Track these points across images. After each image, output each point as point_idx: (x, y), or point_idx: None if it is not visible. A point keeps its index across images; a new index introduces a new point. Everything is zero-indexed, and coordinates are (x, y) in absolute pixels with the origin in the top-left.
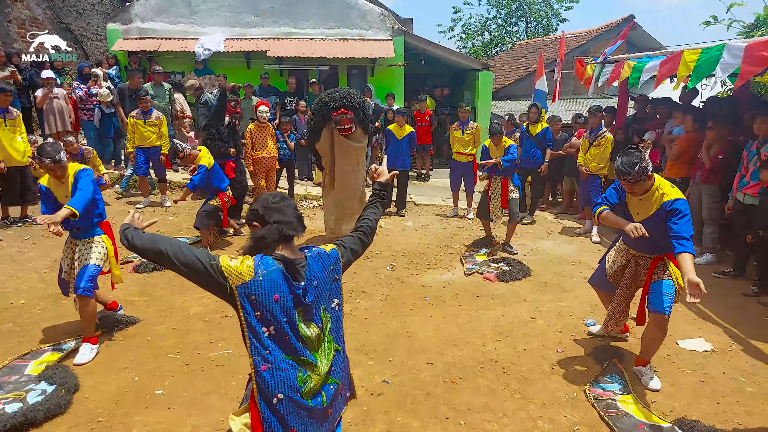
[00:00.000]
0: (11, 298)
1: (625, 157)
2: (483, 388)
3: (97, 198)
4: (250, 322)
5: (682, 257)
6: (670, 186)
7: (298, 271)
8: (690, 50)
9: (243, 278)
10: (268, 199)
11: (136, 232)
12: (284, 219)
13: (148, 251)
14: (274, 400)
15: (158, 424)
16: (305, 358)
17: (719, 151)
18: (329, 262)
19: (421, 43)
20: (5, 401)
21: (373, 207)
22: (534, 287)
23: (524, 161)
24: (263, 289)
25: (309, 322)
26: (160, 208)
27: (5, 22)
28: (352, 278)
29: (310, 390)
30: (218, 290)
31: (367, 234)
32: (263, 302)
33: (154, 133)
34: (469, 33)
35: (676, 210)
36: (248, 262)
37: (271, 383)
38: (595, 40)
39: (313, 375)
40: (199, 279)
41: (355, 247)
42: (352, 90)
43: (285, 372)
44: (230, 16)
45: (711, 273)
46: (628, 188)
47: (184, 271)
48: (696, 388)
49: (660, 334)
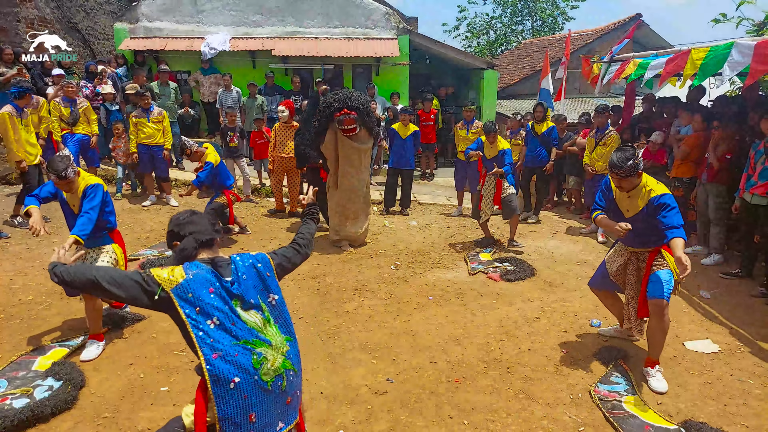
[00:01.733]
0: (19, 295)
1: (620, 153)
2: (487, 388)
3: (106, 210)
4: (193, 318)
5: (674, 242)
6: (656, 183)
7: (224, 267)
8: (698, 48)
9: (177, 281)
10: (178, 218)
11: (63, 268)
12: (197, 228)
13: (78, 283)
14: (231, 384)
15: (163, 420)
16: (256, 340)
17: (727, 151)
18: (255, 260)
19: (426, 42)
20: (13, 396)
21: (305, 224)
22: (538, 287)
23: (529, 160)
24: (196, 285)
25: (248, 310)
26: (166, 206)
27: (14, 21)
28: (355, 277)
29: (267, 371)
30: (153, 301)
31: (302, 245)
32: (200, 297)
33: (158, 130)
34: (474, 32)
35: (663, 204)
36: (177, 269)
37: (225, 369)
38: (602, 38)
39: (269, 355)
40: (134, 294)
41: (289, 254)
42: (355, 91)
43: (237, 356)
44: (236, 16)
45: (718, 274)
46: (617, 182)
47: (117, 293)
48: (702, 389)
49: (660, 324)
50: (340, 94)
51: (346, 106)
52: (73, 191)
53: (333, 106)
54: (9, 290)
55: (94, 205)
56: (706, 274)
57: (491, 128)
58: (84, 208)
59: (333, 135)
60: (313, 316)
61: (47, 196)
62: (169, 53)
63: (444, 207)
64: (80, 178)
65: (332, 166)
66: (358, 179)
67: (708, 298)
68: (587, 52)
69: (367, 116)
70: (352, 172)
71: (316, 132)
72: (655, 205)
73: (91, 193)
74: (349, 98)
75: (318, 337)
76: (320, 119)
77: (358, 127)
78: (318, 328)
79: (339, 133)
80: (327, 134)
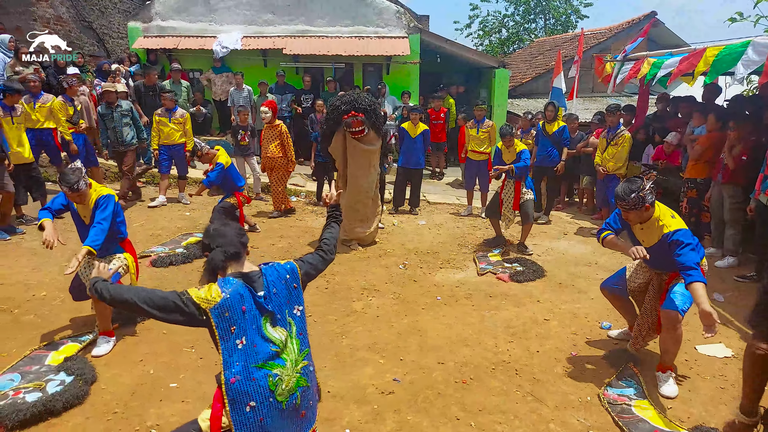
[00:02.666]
0: (33, 290)
1: (626, 184)
2: (495, 389)
3: (118, 221)
4: (226, 338)
5: (693, 288)
6: (670, 216)
7: (256, 281)
8: (713, 47)
9: (215, 300)
10: (209, 229)
11: (104, 285)
12: (225, 241)
13: (117, 302)
14: (247, 408)
15: (172, 416)
16: (273, 363)
17: (742, 152)
18: (284, 271)
19: (436, 40)
20: (26, 390)
21: (329, 227)
22: (548, 288)
23: (540, 160)
24: (232, 304)
25: (276, 327)
26: (177, 204)
27: (30, 20)
28: (364, 276)
29: (282, 391)
30: (191, 320)
31: (327, 252)
32: (235, 316)
33: (178, 131)
34: (486, 30)
35: (677, 242)
36: (214, 287)
37: (243, 393)
38: (616, 37)
39: (284, 376)
40: (172, 316)
41: (314, 261)
42: (362, 93)
43: (255, 381)
44: (248, 15)
45: (733, 276)
46: (624, 214)
47: (156, 314)
48: (714, 394)
49: (673, 336)
50: (347, 96)
51: (353, 108)
52: (85, 203)
53: (340, 108)
54: (23, 286)
55: (106, 215)
56: (720, 277)
57: (507, 131)
58: (96, 218)
59: (341, 137)
60: (321, 315)
61: (60, 208)
62: (181, 52)
63: (454, 206)
64: (92, 189)
65: (341, 168)
66: (367, 181)
67: (722, 301)
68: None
69: (375, 118)
70: (361, 173)
71: (324, 134)
72: (669, 242)
73: (103, 204)
74: (356, 100)
75: (326, 336)
76: (328, 122)
77: (367, 128)
78: (326, 327)
79: (347, 135)
80: (335, 136)
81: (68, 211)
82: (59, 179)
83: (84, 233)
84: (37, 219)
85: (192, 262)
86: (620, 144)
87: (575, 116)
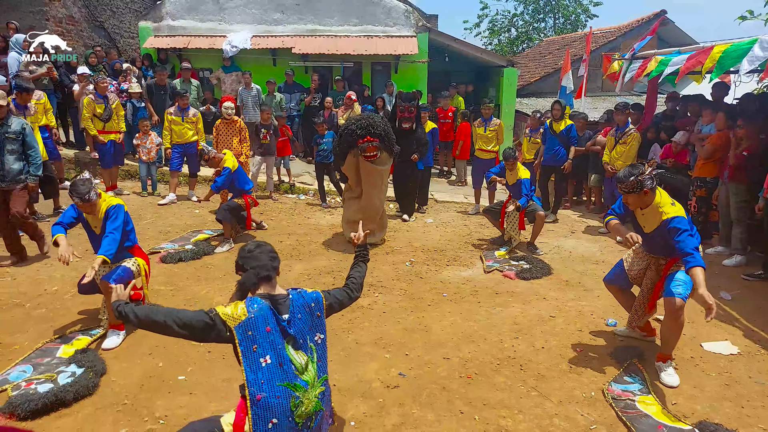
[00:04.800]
0: (45, 285)
1: (628, 168)
2: (499, 384)
3: (127, 229)
4: (248, 355)
5: (693, 272)
6: (670, 204)
7: (282, 304)
8: (721, 44)
9: (240, 318)
10: (245, 248)
11: (130, 308)
12: (259, 264)
13: (145, 325)
14: (269, 425)
15: (180, 408)
16: (297, 384)
17: (746, 149)
18: (310, 299)
19: (445, 39)
20: (38, 381)
21: (357, 266)
22: (555, 285)
23: (548, 159)
24: (257, 323)
25: (298, 350)
26: (187, 202)
27: (43, 20)
28: (371, 273)
29: (302, 413)
30: (217, 336)
31: (353, 290)
32: (258, 335)
33: (191, 130)
34: (495, 29)
35: (674, 229)
36: (240, 305)
37: (266, 410)
38: (625, 36)
39: (304, 399)
40: (201, 334)
41: (341, 297)
42: (377, 116)
43: (279, 399)
44: (257, 14)
45: (740, 275)
46: (624, 196)
47: (184, 333)
48: (719, 391)
49: (674, 324)
50: (363, 121)
51: (369, 133)
52: (95, 213)
53: (356, 133)
54: (35, 281)
55: (117, 225)
56: (727, 275)
57: (510, 155)
58: (107, 229)
59: (354, 158)
60: None
61: (71, 221)
62: (191, 51)
63: (461, 205)
64: (101, 200)
65: (351, 184)
66: (379, 199)
67: (729, 299)
68: (610, 49)
69: (388, 141)
70: (374, 192)
71: (337, 155)
72: (667, 229)
73: (113, 215)
74: (371, 125)
75: (332, 331)
76: (341, 144)
77: (380, 152)
78: (333, 322)
79: (360, 157)
80: (348, 157)
81: (80, 222)
82: (70, 191)
83: (95, 243)
84: (52, 234)
85: (201, 259)
86: (629, 143)
87: (583, 115)
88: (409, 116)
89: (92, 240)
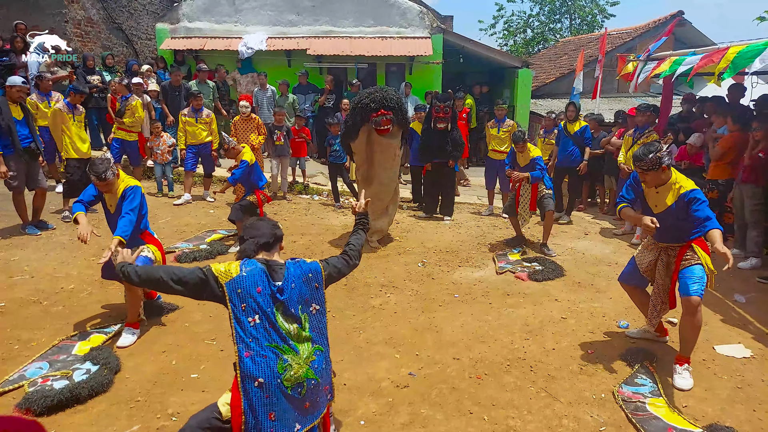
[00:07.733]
0: (62, 283)
1: (645, 146)
2: (509, 385)
3: (142, 213)
4: (236, 314)
5: (710, 234)
6: (685, 179)
7: (276, 271)
8: (737, 45)
9: (231, 275)
10: (248, 222)
11: (131, 268)
12: (258, 233)
13: (145, 281)
14: (255, 383)
15: (192, 405)
16: (286, 347)
17: (761, 150)
18: (308, 270)
19: (459, 40)
20: (54, 378)
21: (356, 234)
22: (567, 287)
23: (562, 160)
24: (247, 282)
25: (287, 317)
26: (202, 201)
27: (62, 22)
28: (383, 273)
29: (290, 377)
30: (212, 294)
31: (352, 256)
32: (248, 294)
33: (205, 131)
34: (511, 30)
35: (694, 198)
36: (234, 264)
37: (252, 368)
38: (641, 37)
39: (293, 363)
40: (195, 290)
41: (339, 265)
42: (390, 89)
43: (266, 359)
44: (272, 15)
45: (755, 278)
46: (641, 175)
47: (180, 289)
48: (731, 393)
49: (692, 322)
50: (376, 94)
51: (383, 106)
52: (113, 192)
53: (369, 106)
54: (53, 279)
55: (134, 206)
56: (742, 278)
57: (519, 137)
58: (124, 209)
59: (365, 133)
60: (340, 311)
61: (91, 199)
62: (207, 53)
63: (474, 206)
64: (119, 179)
65: (361, 162)
66: (388, 176)
67: (743, 302)
68: (626, 50)
69: (401, 114)
70: (388, 165)
71: (348, 130)
72: (686, 200)
73: (130, 195)
74: (385, 98)
75: (344, 330)
76: (354, 117)
77: (392, 125)
78: (344, 322)
79: (372, 130)
80: (360, 132)
81: (100, 201)
82: (88, 169)
83: (111, 223)
84: (72, 212)
85: (215, 258)
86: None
87: (598, 116)
88: (444, 116)
89: (109, 220)
